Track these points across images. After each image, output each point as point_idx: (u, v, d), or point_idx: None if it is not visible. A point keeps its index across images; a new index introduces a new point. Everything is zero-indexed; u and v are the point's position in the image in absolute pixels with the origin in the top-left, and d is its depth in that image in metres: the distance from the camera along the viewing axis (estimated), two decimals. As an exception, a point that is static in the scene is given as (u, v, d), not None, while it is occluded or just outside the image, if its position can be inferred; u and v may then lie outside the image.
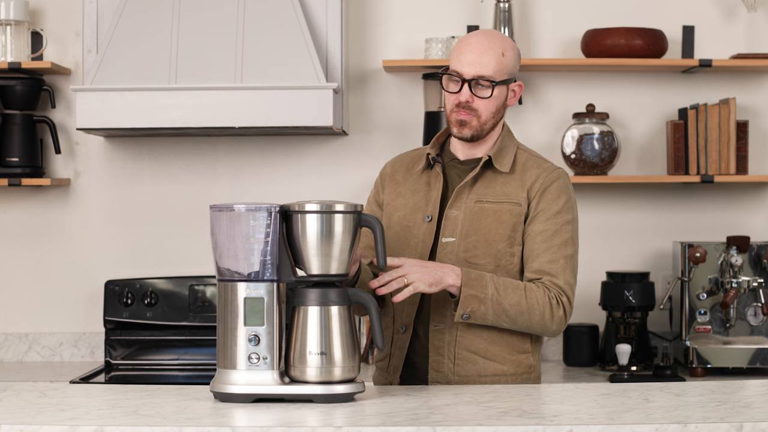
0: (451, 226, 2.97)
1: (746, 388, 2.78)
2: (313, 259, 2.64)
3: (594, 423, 2.34)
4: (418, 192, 3.04)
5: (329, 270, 2.65)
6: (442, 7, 4.49)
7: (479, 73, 2.92)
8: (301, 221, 2.63)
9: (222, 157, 4.52)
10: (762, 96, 4.53)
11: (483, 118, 2.95)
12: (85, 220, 4.52)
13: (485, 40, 2.95)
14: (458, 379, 2.95)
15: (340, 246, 2.64)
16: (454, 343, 2.94)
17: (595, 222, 4.51)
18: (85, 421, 2.39)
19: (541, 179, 2.98)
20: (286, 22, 4.14)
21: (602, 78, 4.53)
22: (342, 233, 2.64)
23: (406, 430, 2.32)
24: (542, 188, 2.97)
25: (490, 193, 2.98)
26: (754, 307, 4.27)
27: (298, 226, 2.63)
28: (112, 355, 4.35)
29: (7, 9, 4.29)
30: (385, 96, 4.52)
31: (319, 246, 2.63)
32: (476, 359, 2.95)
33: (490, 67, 2.92)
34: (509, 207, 2.96)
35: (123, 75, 4.09)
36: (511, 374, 2.97)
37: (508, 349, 2.98)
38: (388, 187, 3.10)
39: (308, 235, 2.63)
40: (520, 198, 2.97)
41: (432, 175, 3.05)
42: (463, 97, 2.94)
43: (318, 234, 2.63)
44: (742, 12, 4.50)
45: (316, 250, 2.64)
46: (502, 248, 2.95)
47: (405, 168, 3.10)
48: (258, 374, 2.59)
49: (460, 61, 2.94)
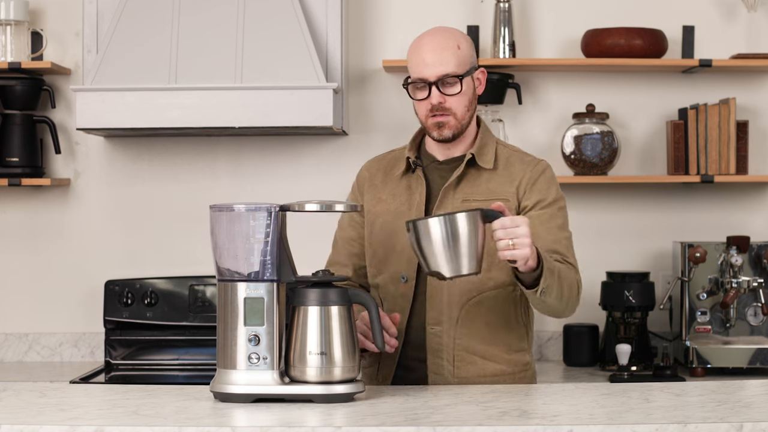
0: None
1: (746, 388, 2.78)
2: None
3: (594, 423, 2.34)
4: (399, 196, 3.01)
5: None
6: (442, 8, 4.49)
7: (442, 72, 2.89)
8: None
9: (222, 157, 4.52)
10: (762, 96, 4.53)
11: (459, 115, 2.93)
12: (85, 220, 4.52)
13: (438, 39, 2.92)
14: (458, 380, 2.94)
15: (340, 246, 2.64)
16: (452, 345, 2.94)
17: (595, 222, 4.51)
18: (85, 421, 2.39)
19: (528, 173, 2.97)
20: (286, 22, 4.14)
21: (602, 78, 4.52)
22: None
23: (406, 430, 2.32)
24: (531, 182, 2.96)
25: (476, 191, 2.96)
26: (754, 307, 4.27)
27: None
28: (112, 355, 4.35)
29: (7, 9, 4.29)
30: (385, 96, 4.52)
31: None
32: (475, 360, 2.95)
33: (451, 63, 2.89)
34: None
35: (123, 75, 4.10)
36: (510, 373, 2.97)
37: (506, 348, 2.97)
38: (368, 192, 3.07)
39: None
40: (508, 193, 2.95)
41: (413, 178, 3.02)
42: (435, 100, 2.91)
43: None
44: (742, 12, 4.50)
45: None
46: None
47: (383, 172, 3.08)
48: (258, 374, 2.59)
49: (418, 65, 2.91)
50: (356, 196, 3.10)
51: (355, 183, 3.13)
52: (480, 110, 4.36)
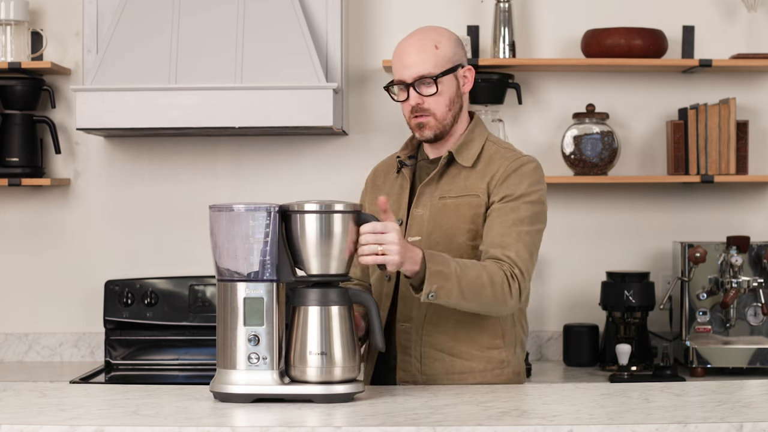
0: (417, 225, 2.96)
1: (746, 388, 2.78)
2: (312, 259, 2.64)
3: (594, 423, 2.34)
4: (392, 196, 3.05)
5: (329, 270, 2.65)
6: (442, 8, 4.49)
7: (418, 73, 2.91)
8: (301, 221, 2.63)
9: (222, 157, 4.52)
10: (762, 96, 4.53)
11: (439, 115, 2.94)
12: (85, 220, 4.52)
13: (415, 40, 2.95)
14: (426, 378, 2.92)
15: (339, 246, 2.64)
16: (420, 342, 2.93)
17: (596, 222, 4.51)
18: (85, 421, 2.39)
19: (502, 168, 2.93)
20: (286, 22, 4.14)
21: (602, 78, 4.52)
22: (341, 233, 2.64)
23: (406, 430, 2.32)
24: (503, 177, 2.92)
25: (453, 188, 2.97)
26: (754, 307, 4.27)
27: (297, 226, 2.63)
28: (112, 355, 4.35)
29: (7, 9, 4.29)
30: (385, 96, 4.48)
31: (318, 246, 2.63)
32: (443, 357, 2.92)
33: (427, 63, 2.91)
34: (468, 200, 2.93)
35: (123, 75, 4.09)
36: (481, 371, 2.93)
37: (476, 346, 2.93)
38: (370, 193, 3.13)
39: (308, 234, 2.63)
40: (479, 189, 2.93)
41: (403, 177, 3.06)
42: (413, 101, 2.93)
43: (317, 234, 2.63)
44: (742, 12, 4.50)
45: (316, 250, 2.64)
46: (463, 242, 2.92)
47: (383, 173, 3.13)
48: (258, 374, 2.59)
49: (398, 68, 2.95)
50: (363, 197, 3.17)
51: (364, 185, 3.20)
52: (480, 110, 4.36)
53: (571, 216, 4.48)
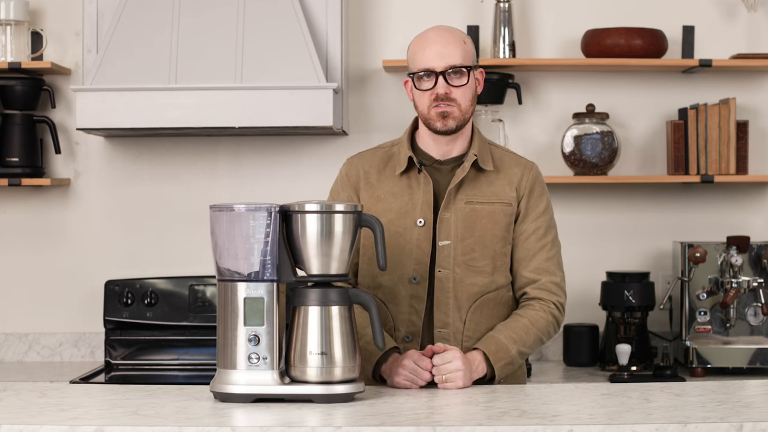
0: (445, 229, 2.95)
1: (746, 388, 2.78)
2: (313, 259, 2.64)
3: (594, 423, 2.34)
4: (400, 195, 2.99)
5: (329, 270, 2.65)
6: (442, 8, 4.49)
7: (450, 63, 2.92)
8: (301, 221, 2.63)
9: (222, 157, 4.52)
10: (762, 96, 4.53)
11: (463, 107, 2.94)
12: (85, 220, 4.52)
13: (445, 32, 2.96)
14: None
15: (340, 246, 2.64)
16: (460, 348, 2.94)
17: (596, 222, 4.51)
18: (85, 421, 2.39)
19: (525, 177, 3.02)
20: (286, 22, 4.14)
21: (602, 78, 4.53)
22: (342, 233, 2.64)
23: (406, 430, 2.32)
24: (529, 186, 3.01)
25: (478, 193, 2.98)
26: (754, 307, 4.27)
27: (298, 226, 2.63)
28: (112, 355, 4.35)
29: (7, 9, 4.29)
30: (385, 96, 4.52)
31: (318, 246, 2.63)
32: None
33: (458, 55, 2.92)
34: (501, 207, 2.97)
35: (123, 75, 4.10)
36: (509, 373, 2.99)
37: None
38: (364, 190, 3.03)
39: (308, 235, 2.63)
40: (510, 197, 2.99)
41: (413, 177, 3.00)
42: (441, 90, 2.92)
43: (318, 234, 2.63)
44: (742, 12, 4.50)
45: (316, 250, 2.63)
46: (498, 249, 2.97)
47: (377, 169, 3.04)
48: (258, 374, 2.59)
49: (425, 57, 2.92)
50: (350, 194, 3.05)
51: (345, 179, 3.06)
52: (480, 110, 4.36)
53: (571, 216, 4.48)
